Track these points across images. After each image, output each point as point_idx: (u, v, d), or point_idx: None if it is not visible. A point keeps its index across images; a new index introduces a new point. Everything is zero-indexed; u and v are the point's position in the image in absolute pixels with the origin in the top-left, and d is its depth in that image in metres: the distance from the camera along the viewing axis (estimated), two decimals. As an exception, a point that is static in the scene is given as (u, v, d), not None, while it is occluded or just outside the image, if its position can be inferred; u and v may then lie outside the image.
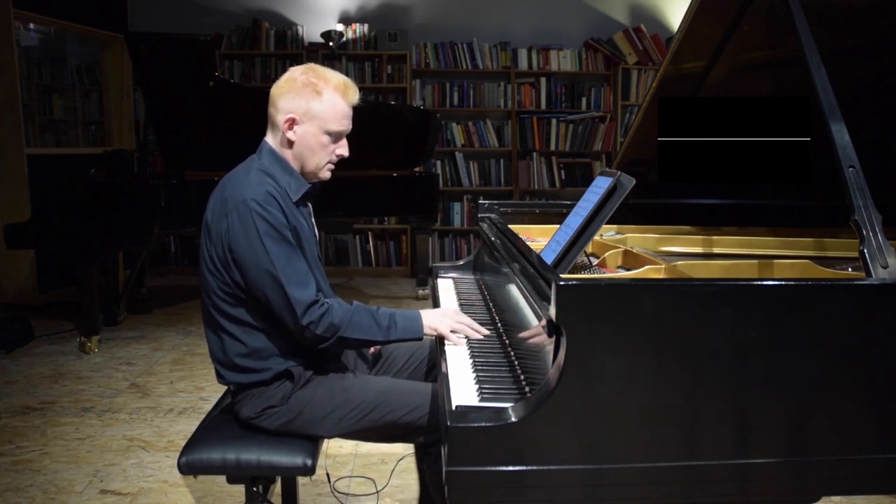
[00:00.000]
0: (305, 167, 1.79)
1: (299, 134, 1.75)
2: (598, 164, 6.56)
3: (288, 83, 1.75)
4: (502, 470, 1.21)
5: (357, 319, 1.71)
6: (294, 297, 1.65)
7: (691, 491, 1.27)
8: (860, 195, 1.42)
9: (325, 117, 1.73)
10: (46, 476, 2.67)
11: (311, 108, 1.72)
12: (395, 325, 1.75)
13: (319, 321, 1.67)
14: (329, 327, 1.68)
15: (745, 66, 2.19)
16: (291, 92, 1.73)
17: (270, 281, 1.66)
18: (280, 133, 1.76)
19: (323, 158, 1.78)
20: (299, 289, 1.66)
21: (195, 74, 4.29)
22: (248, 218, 1.65)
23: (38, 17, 5.57)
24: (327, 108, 1.73)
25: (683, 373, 1.24)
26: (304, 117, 1.73)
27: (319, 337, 1.68)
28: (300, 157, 1.78)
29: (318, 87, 1.73)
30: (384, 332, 1.74)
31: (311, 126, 1.74)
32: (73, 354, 4.15)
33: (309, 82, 1.73)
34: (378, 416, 1.75)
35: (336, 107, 1.74)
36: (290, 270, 1.66)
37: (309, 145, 1.75)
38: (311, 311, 1.66)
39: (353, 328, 1.70)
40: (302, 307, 1.65)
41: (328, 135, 1.75)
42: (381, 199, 5.20)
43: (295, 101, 1.73)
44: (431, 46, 6.40)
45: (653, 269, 1.70)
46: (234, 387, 1.83)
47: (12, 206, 4.92)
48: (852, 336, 1.28)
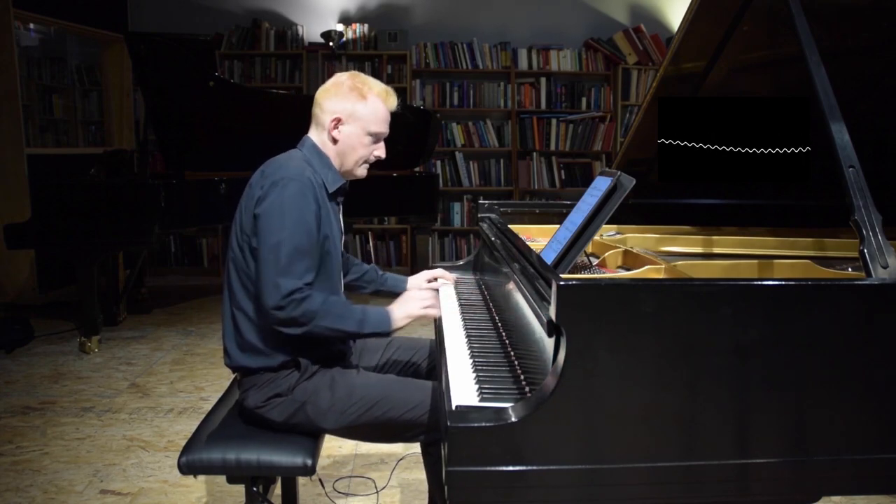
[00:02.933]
0: (345, 164, 1.90)
1: (344, 133, 1.86)
2: (598, 164, 6.56)
3: (335, 87, 1.87)
4: (502, 470, 1.21)
5: (333, 309, 1.74)
6: (281, 284, 1.68)
7: (691, 491, 1.27)
8: (860, 195, 1.42)
9: (368, 119, 1.86)
10: (46, 476, 2.67)
11: (357, 111, 1.85)
12: (367, 318, 1.79)
13: (297, 307, 1.69)
14: (304, 314, 1.70)
15: (745, 66, 2.18)
16: (338, 95, 1.86)
17: (270, 255, 1.70)
18: (325, 131, 1.87)
19: (362, 157, 1.90)
20: (291, 278, 1.69)
21: (195, 74, 4.28)
22: (285, 193, 1.73)
23: (38, 17, 5.57)
24: (371, 111, 1.86)
25: (683, 373, 1.24)
26: (350, 118, 1.85)
27: (291, 321, 1.70)
28: (342, 155, 1.89)
29: (363, 91, 1.85)
30: (358, 324, 1.77)
31: (355, 126, 1.86)
32: (73, 354, 4.16)
33: (355, 87, 1.85)
34: (380, 412, 1.77)
35: (378, 111, 1.87)
36: (294, 257, 1.71)
37: (352, 144, 1.87)
38: (292, 297, 1.69)
39: (327, 318, 1.72)
40: (284, 291, 1.68)
41: (369, 135, 1.88)
42: (382, 199, 5.20)
43: (342, 104, 1.85)
44: (431, 46, 6.40)
45: (653, 269, 1.70)
46: (241, 373, 1.86)
47: (12, 206, 4.92)
48: (852, 336, 1.28)
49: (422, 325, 4.83)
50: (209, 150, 4.38)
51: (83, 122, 6.77)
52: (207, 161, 4.45)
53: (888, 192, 1.71)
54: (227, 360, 1.86)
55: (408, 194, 5.31)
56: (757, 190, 2.44)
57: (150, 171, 4.86)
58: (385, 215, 6.24)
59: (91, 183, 4.42)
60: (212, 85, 4.29)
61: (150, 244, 4.18)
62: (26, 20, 5.71)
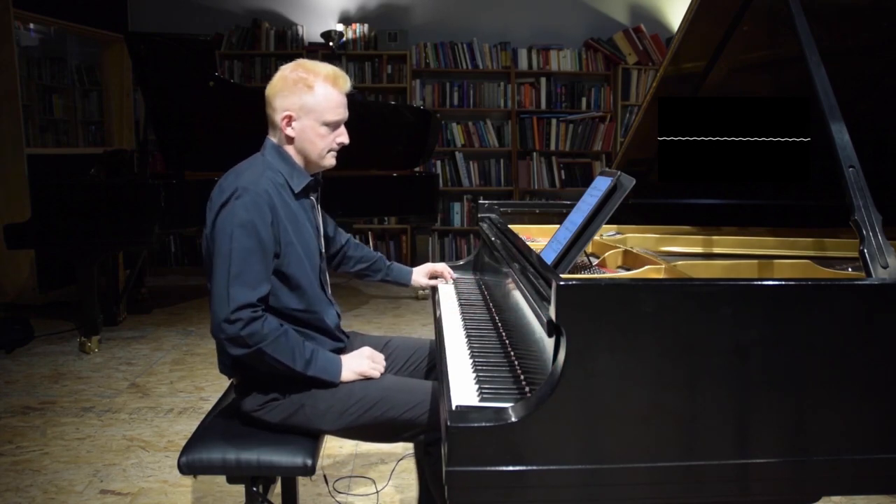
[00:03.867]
0: (309, 159, 1.83)
1: (298, 129, 1.79)
2: (598, 164, 6.56)
3: (280, 81, 1.78)
4: (502, 470, 1.21)
5: (283, 340, 1.69)
6: (232, 295, 1.64)
7: (691, 491, 1.27)
8: (860, 195, 1.42)
9: (320, 109, 1.77)
10: (46, 476, 2.67)
11: (306, 103, 1.76)
12: (315, 361, 1.74)
13: (247, 325, 1.64)
14: (254, 334, 1.65)
15: (745, 66, 2.18)
16: (284, 90, 1.77)
17: (221, 266, 1.67)
18: (279, 131, 1.80)
19: (324, 148, 1.82)
20: (242, 288, 1.65)
21: (195, 74, 4.28)
22: (236, 204, 1.69)
23: (38, 17, 5.57)
24: (321, 100, 1.77)
25: (683, 373, 1.24)
26: (300, 112, 1.77)
27: (240, 339, 1.65)
28: (302, 151, 1.82)
29: (308, 80, 1.76)
30: (303, 364, 1.72)
31: (307, 120, 1.78)
32: (73, 354, 4.15)
33: (299, 78, 1.76)
34: (379, 411, 1.76)
35: (329, 97, 1.77)
36: (244, 267, 1.67)
37: (309, 138, 1.80)
38: (243, 312, 1.64)
39: (276, 346, 1.67)
40: (235, 304, 1.64)
41: (326, 125, 1.79)
42: (382, 199, 5.20)
43: (289, 99, 1.77)
44: (431, 46, 6.40)
45: (653, 269, 1.70)
46: (236, 379, 1.85)
47: (12, 206, 4.92)
48: (852, 336, 1.28)
49: (422, 324, 4.83)
50: (209, 150, 4.38)
51: (83, 122, 6.78)
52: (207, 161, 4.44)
53: (888, 192, 1.71)
54: (221, 366, 1.84)
55: (408, 194, 5.31)
56: (757, 190, 2.44)
57: (150, 171, 4.86)
58: (385, 215, 6.24)
59: (91, 183, 4.41)
60: (212, 85, 4.29)
61: (150, 244, 4.18)
62: (26, 20, 5.71)
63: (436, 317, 2.05)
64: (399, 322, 4.93)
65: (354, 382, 1.79)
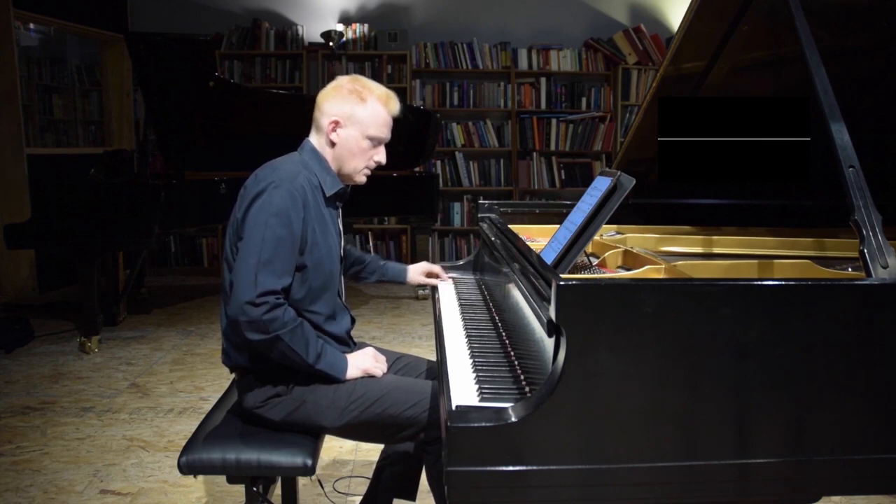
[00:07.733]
0: (343, 169, 1.88)
1: (342, 136, 1.84)
2: (598, 164, 6.56)
3: (335, 90, 1.85)
4: (502, 470, 1.21)
5: (299, 331, 1.71)
6: (259, 279, 1.67)
7: (691, 491, 1.27)
8: (860, 195, 1.42)
9: (367, 123, 1.83)
10: (46, 476, 2.67)
11: (355, 113, 1.83)
12: (325, 356, 1.77)
13: (270, 310, 1.67)
14: (275, 320, 1.67)
15: (745, 66, 2.19)
16: (338, 97, 1.83)
17: (251, 251, 1.69)
18: (324, 135, 1.85)
19: (361, 162, 1.87)
20: (270, 275, 1.68)
21: (195, 74, 4.29)
22: (273, 195, 1.72)
23: (38, 17, 5.57)
24: (370, 115, 1.83)
25: (683, 373, 1.24)
26: (348, 121, 1.83)
27: (260, 323, 1.66)
28: (339, 159, 1.87)
29: (362, 94, 1.83)
30: (314, 358, 1.75)
31: (353, 129, 1.84)
32: (73, 354, 4.15)
33: (354, 90, 1.83)
34: (380, 409, 1.77)
35: (378, 114, 1.84)
36: (275, 255, 1.69)
37: (349, 148, 1.85)
38: (268, 297, 1.67)
39: (293, 336, 1.70)
40: (262, 289, 1.66)
41: (368, 139, 1.85)
42: (382, 199, 5.20)
43: (340, 106, 1.83)
44: (431, 46, 6.40)
45: (653, 269, 1.70)
46: (239, 373, 1.86)
47: (12, 206, 4.92)
48: (852, 336, 1.27)
49: (422, 324, 4.83)
50: (209, 150, 4.39)
51: (83, 122, 6.78)
52: (207, 161, 4.45)
53: (888, 192, 1.71)
54: (225, 359, 1.86)
55: (408, 194, 5.31)
56: (757, 190, 2.44)
57: (150, 171, 4.86)
58: (385, 215, 6.24)
59: (91, 183, 4.42)
60: (212, 85, 4.30)
61: (150, 244, 4.18)
62: (26, 20, 5.72)
63: (436, 317, 2.05)
64: (399, 322, 4.93)
65: (356, 380, 1.81)
